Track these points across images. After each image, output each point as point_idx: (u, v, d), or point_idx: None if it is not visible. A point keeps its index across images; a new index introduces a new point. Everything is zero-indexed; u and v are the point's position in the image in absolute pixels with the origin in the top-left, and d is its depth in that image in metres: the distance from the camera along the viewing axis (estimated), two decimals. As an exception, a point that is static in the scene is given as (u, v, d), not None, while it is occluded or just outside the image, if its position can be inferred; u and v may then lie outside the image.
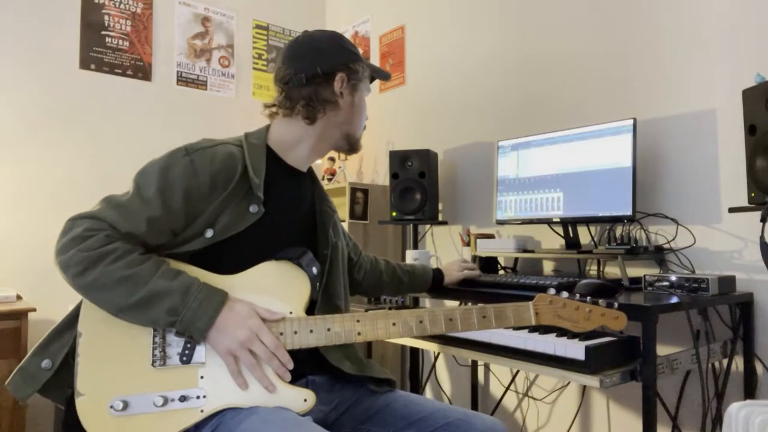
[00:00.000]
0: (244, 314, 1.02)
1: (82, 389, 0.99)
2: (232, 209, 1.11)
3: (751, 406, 1.15)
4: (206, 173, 1.09)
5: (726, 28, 1.74)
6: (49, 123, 2.59)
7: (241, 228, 1.11)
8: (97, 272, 0.99)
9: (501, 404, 2.40)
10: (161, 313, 0.99)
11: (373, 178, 3.08)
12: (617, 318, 1.12)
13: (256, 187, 1.11)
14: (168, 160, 1.09)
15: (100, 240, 1.01)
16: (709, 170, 1.76)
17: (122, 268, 1.00)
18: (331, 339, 1.04)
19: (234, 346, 1.00)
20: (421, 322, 1.08)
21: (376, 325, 1.06)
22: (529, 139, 2.08)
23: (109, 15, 2.77)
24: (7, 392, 2.04)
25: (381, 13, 3.12)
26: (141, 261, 1.02)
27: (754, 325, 1.64)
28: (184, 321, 0.99)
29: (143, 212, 1.05)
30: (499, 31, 2.46)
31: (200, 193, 1.08)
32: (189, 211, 1.08)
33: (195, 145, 1.12)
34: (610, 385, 1.33)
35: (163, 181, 1.07)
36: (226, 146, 1.14)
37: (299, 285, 1.08)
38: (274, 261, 1.09)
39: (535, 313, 1.12)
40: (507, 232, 2.35)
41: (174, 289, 1.00)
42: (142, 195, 1.06)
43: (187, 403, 0.99)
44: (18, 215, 2.48)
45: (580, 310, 1.12)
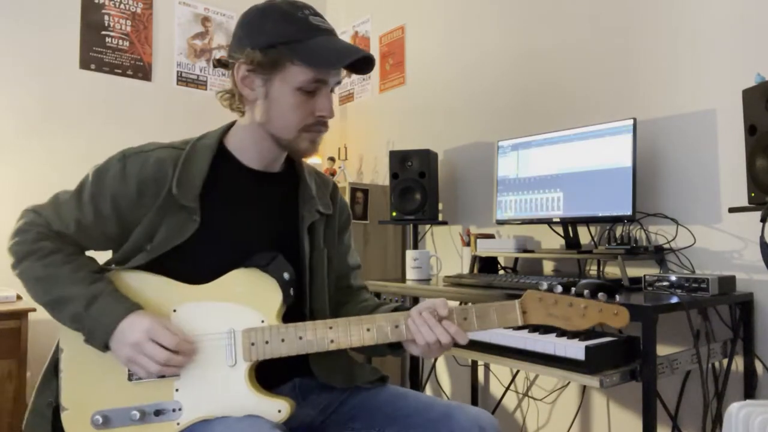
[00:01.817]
0: (139, 319, 0.97)
1: (66, 404, 1.01)
2: (169, 220, 1.05)
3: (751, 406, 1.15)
4: (134, 180, 1.05)
5: (726, 28, 1.74)
6: (49, 123, 2.59)
7: (181, 239, 1.05)
8: (23, 267, 1.03)
9: (501, 404, 2.40)
10: (66, 318, 0.99)
11: (373, 178, 3.08)
12: (617, 314, 0.98)
13: (180, 197, 1.04)
14: (105, 164, 1.08)
15: (32, 236, 1.04)
16: (709, 170, 1.76)
17: (41, 268, 1.01)
18: (304, 347, 1.00)
19: (126, 352, 0.96)
20: (396, 326, 1.01)
21: (350, 331, 1.01)
22: (529, 139, 2.08)
23: (109, 15, 2.77)
24: (7, 392, 2.05)
25: (381, 13, 3.12)
26: (62, 262, 1.02)
27: (754, 325, 1.64)
28: (86, 329, 0.98)
29: (74, 214, 1.05)
30: (499, 31, 2.46)
31: (129, 201, 1.05)
32: (120, 218, 1.06)
33: (133, 149, 1.09)
34: (610, 385, 1.33)
35: (96, 185, 1.06)
36: (164, 150, 1.08)
37: (269, 292, 1.04)
38: (243, 268, 1.05)
39: (522, 312, 1.01)
40: (507, 232, 2.35)
41: (80, 296, 0.98)
42: (80, 196, 1.07)
43: (162, 417, 0.99)
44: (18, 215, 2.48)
45: (575, 306, 0.99)
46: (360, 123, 3.22)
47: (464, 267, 2.35)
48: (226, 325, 1.02)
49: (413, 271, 2.21)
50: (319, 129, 1.08)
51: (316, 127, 1.08)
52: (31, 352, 2.15)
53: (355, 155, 3.20)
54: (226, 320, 1.02)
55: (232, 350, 1.01)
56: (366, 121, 3.18)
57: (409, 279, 2.21)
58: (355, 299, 1.26)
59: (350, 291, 1.27)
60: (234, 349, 1.01)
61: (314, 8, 1.08)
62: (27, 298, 2.28)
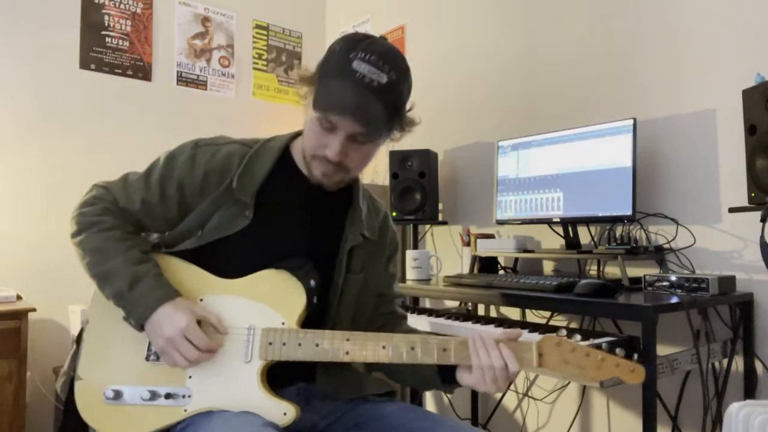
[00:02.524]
0: (177, 314, 1.00)
1: (82, 374, 1.04)
2: (223, 211, 1.09)
3: (751, 406, 1.15)
4: (201, 168, 1.10)
5: (726, 28, 1.74)
6: (49, 123, 2.59)
7: (229, 231, 1.09)
8: (83, 236, 1.07)
9: (501, 404, 2.40)
10: (110, 293, 1.03)
11: (373, 178, 3.08)
12: (633, 371, 0.96)
13: (238, 191, 1.08)
14: (177, 149, 1.13)
15: (97, 209, 1.09)
16: (709, 170, 1.76)
17: (100, 240, 1.05)
18: (319, 355, 1.01)
19: (160, 342, 1.00)
20: (412, 348, 1.01)
21: (366, 345, 1.01)
22: (529, 139, 2.08)
23: (109, 15, 2.77)
24: (7, 392, 2.05)
25: (381, 13, 3.12)
26: (118, 238, 1.06)
27: (754, 325, 1.64)
28: (126, 307, 1.02)
29: (141, 193, 1.10)
30: (499, 31, 2.46)
31: (193, 187, 1.10)
32: (182, 203, 1.10)
33: (205, 140, 1.14)
34: (610, 385, 1.33)
35: (165, 168, 1.11)
36: (234, 145, 1.13)
37: (294, 296, 1.05)
38: (273, 269, 1.07)
39: (538, 355, 0.99)
40: (507, 232, 2.35)
41: (126, 274, 1.02)
42: (149, 177, 1.11)
43: (172, 401, 1.01)
44: (18, 215, 2.48)
45: (591, 357, 0.97)
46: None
47: (464, 267, 2.35)
48: (248, 321, 1.04)
49: (413, 271, 2.21)
50: (326, 165, 1.07)
51: (324, 161, 1.06)
52: (31, 352, 2.15)
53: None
54: (248, 317, 1.04)
55: (250, 347, 1.02)
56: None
57: (409, 279, 2.21)
58: (399, 327, 1.25)
59: (394, 317, 1.27)
60: (251, 345, 1.02)
61: (379, 55, 1.01)
62: (27, 298, 2.28)
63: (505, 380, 0.98)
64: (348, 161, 1.07)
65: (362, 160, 1.11)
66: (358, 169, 1.13)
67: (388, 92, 1.03)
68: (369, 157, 1.13)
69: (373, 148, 1.11)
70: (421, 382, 1.15)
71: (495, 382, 0.98)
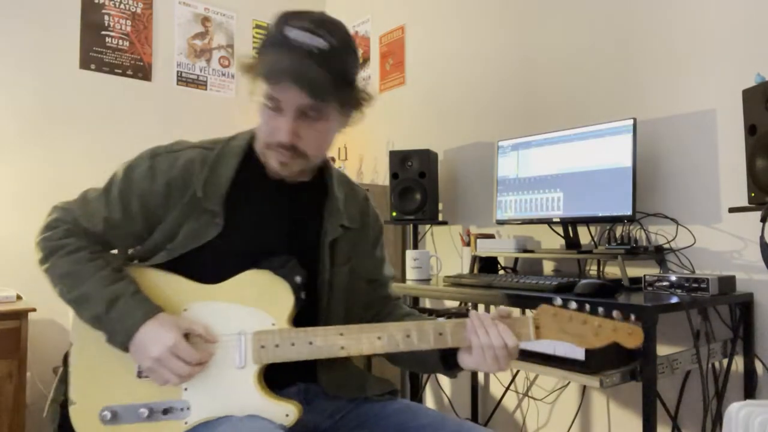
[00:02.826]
0: (162, 331, 0.96)
1: (74, 398, 1.00)
2: (193, 221, 1.04)
3: (751, 406, 1.15)
4: (163, 179, 1.05)
5: (726, 28, 1.74)
6: (49, 123, 2.59)
7: (201, 241, 1.04)
8: (50, 263, 1.02)
9: (501, 404, 2.40)
10: (87, 318, 0.99)
11: (373, 178, 3.08)
12: (631, 333, 0.95)
13: (204, 201, 1.04)
14: (135, 161, 1.08)
15: (60, 233, 1.04)
16: (709, 170, 1.76)
17: (68, 264, 1.01)
18: (313, 353, 0.99)
19: (147, 362, 0.96)
20: (408, 336, 0.99)
21: (361, 338, 0.99)
22: (529, 139, 2.08)
23: (109, 15, 2.77)
24: (7, 392, 2.05)
25: (381, 13, 3.12)
26: (87, 260, 1.02)
27: (754, 325, 1.64)
28: (107, 331, 0.98)
29: (102, 212, 1.06)
30: (500, 31, 2.46)
31: (156, 199, 1.05)
32: (147, 216, 1.06)
33: (163, 148, 1.09)
34: (610, 385, 1.33)
35: (124, 183, 1.06)
36: (193, 151, 1.08)
37: (281, 295, 1.03)
38: (256, 270, 1.04)
39: (535, 328, 0.98)
40: (507, 232, 2.35)
41: (101, 296, 0.98)
42: (108, 194, 1.07)
43: (171, 415, 0.99)
44: (18, 215, 2.48)
45: (589, 324, 0.96)
46: (360, 123, 3.22)
47: (464, 267, 2.35)
48: (237, 326, 1.01)
49: (413, 271, 2.21)
50: (281, 151, 1.02)
51: (278, 149, 1.02)
52: (31, 352, 2.15)
53: (355, 155, 3.19)
54: (236, 321, 1.01)
55: (242, 352, 1.00)
56: (366, 121, 3.17)
57: (409, 279, 2.21)
58: (397, 311, 1.23)
59: (389, 301, 1.25)
60: (244, 351, 1.00)
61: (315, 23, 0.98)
62: (27, 298, 2.28)
63: (506, 358, 0.97)
64: (303, 144, 1.02)
65: (318, 141, 1.05)
66: (316, 153, 1.06)
67: (329, 59, 0.97)
68: (325, 139, 1.07)
69: (326, 126, 1.04)
70: (424, 367, 1.13)
71: (496, 360, 0.97)
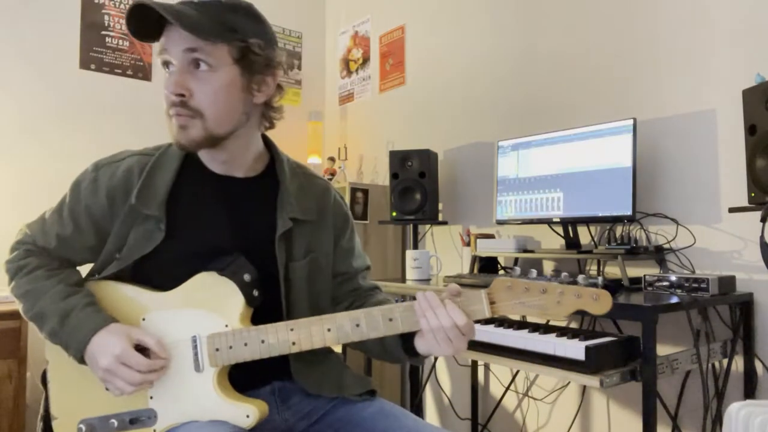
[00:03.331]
0: (111, 341, 0.96)
1: (55, 413, 1.04)
2: (137, 229, 1.04)
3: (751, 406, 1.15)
4: (104, 190, 1.05)
5: (726, 28, 1.74)
6: (49, 123, 2.59)
7: (148, 248, 1.03)
8: (14, 284, 1.06)
9: (501, 404, 2.40)
10: (46, 333, 1.01)
11: (373, 178, 3.08)
12: (598, 298, 0.86)
13: (141, 206, 1.02)
14: (80, 176, 1.09)
15: (21, 254, 1.08)
16: (709, 170, 1.76)
17: (27, 283, 1.04)
18: (267, 351, 0.98)
19: (99, 373, 0.97)
20: (357, 325, 0.97)
21: (311, 332, 0.98)
22: (529, 139, 2.08)
23: (109, 15, 2.77)
24: (7, 392, 2.05)
25: (381, 13, 3.12)
26: (43, 277, 1.04)
27: (754, 325, 1.64)
28: (62, 345, 0.99)
29: (55, 229, 1.08)
30: (499, 31, 2.46)
31: (102, 211, 1.05)
32: (97, 229, 1.07)
33: (104, 160, 1.09)
34: (610, 385, 1.33)
35: (72, 199, 1.08)
36: (133, 158, 1.08)
37: (229, 295, 1.01)
38: (203, 273, 1.03)
39: (490, 303, 0.91)
40: (507, 232, 2.35)
41: (55, 311, 0.99)
42: (60, 212, 1.09)
43: (139, 424, 1.00)
44: (18, 215, 2.47)
45: (549, 293, 0.88)
46: (360, 123, 3.22)
47: (464, 267, 2.35)
48: (192, 331, 1.00)
49: (413, 271, 2.21)
50: (175, 111, 0.99)
51: (174, 107, 0.99)
52: (31, 352, 2.15)
53: (355, 155, 3.19)
54: (191, 327, 1.01)
55: (199, 356, 1.00)
56: (366, 121, 3.18)
57: (409, 279, 2.21)
58: (368, 301, 1.19)
59: (360, 293, 1.21)
60: (200, 355, 1.00)
61: None
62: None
63: (459, 338, 0.93)
64: (195, 100, 0.98)
65: (212, 96, 0.99)
66: (213, 111, 0.99)
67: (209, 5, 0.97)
68: (220, 95, 0.99)
69: (218, 79, 0.98)
70: (392, 358, 1.11)
71: (449, 342, 0.93)
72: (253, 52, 1.01)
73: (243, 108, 1.04)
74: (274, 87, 1.07)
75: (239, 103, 1.03)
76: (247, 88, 1.03)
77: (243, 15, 1.02)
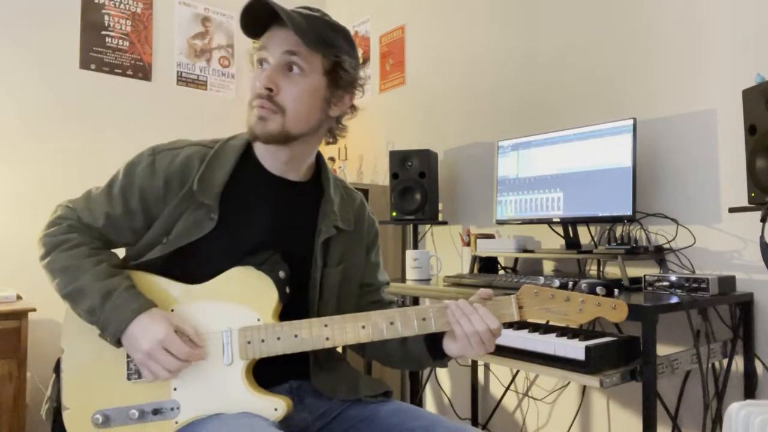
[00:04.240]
0: (154, 325, 0.97)
1: (67, 403, 1.02)
2: (188, 215, 1.06)
3: (751, 406, 1.15)
4: (162, 175, 1.07)
5: (726, 28, 1.74)
6: (49, 123, 2.59)
7: (196, 236, 1.06)
8: (51, 258, 1.04)
9: (501, 404, 2.40)
10: (82, 310, 1.01)
11: (373, 178, 3.08)
12: (615, 308, 0.95)
13: (200, 194, 1.06)
14: (136, 158, 1.10)
15: (63, 228, 1.07)
16: (709, 170, 1.76)
17: (68, 258, 1.03)
18: (300, 345, 1.00)
19: (138, 355, 0.97)
20: (392, 323, 1.00)
21: (345, 328, 1.00)
22: (529, 139, 2.08)
23: (109, 15, 2.77)
24: (7, 392, 2.05)
25: (381, 13, 3.12)
26: (85, 255, 1.04)
27: (754, 325, 1.64)
28: (101, 324, 0.99)
29: (104, 207, 1.08)
30: (499, 31, 2.46)
31: (156, 195, 1.07)
32: (147, 212, 1.08)
33: (163, 146, 1.11)
34: (610, 385, 1.33)
35: (126, 179, 1.08)
36: (192, 148, 1.11)
37: (264, 290, 1.03)
38: (239, 267, 1.05)
39: (518, 308, 0.99)
40: (507, 232, 2.35)
41: (97, 289, 0.99)
42: (110, 190, 1.09)
43: (161, 416, 1.00)
44: (18, 215, 2.48)
45: (572, 301, 0.97)
46: (360, 123, 3.21)
47: (464, 267, 2.35)
48: (223, 324, 1.02)
49: (413, 271, 2.21)
50: (259, 102, 1.05)
51: (256, 100, 1.05)
52: (31, 352, 2.15)
53: (355, 155, 3.20)
54: (223, 319, 1.02)
55: (229, 349, 1.01)
56: (366, 121, 3.18)
57: (409, 279, 2.21)
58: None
59: (381, 305, 1.25)
60: (231, 347, 1.01)
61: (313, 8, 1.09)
62: (27, 298, 2.28)
63: (491, 340, 0.99)
64: (280, 96, 1.04)
65: (297, 96, 1.05)
66: (294, 110, 1.05)
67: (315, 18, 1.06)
68: (305, 97, 1.06)
69: (307, 83, 1.06)
70: (413, 362, 1.14)
71: (481, 345, 0.99)
72: (342, 68, 1.09)
73: (319, 116, 1.11)
74: (349, 105, 1.17)
75: (317, 111, 1.10)
76: (328, 99, 1.11)
77: (341, 35, 1.11)
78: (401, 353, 1.14)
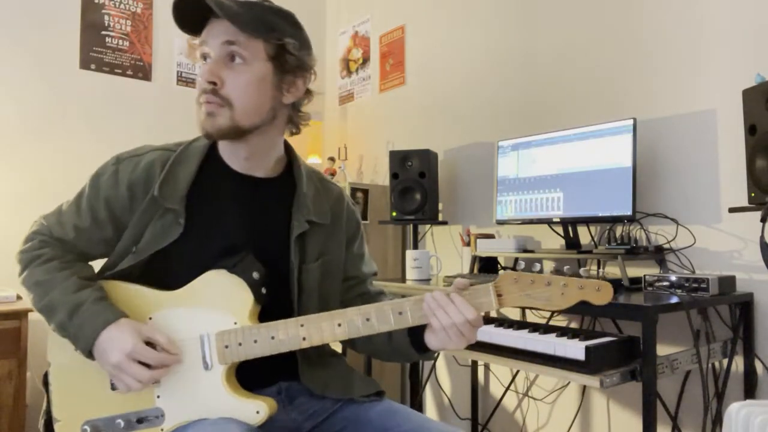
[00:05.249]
0: (121, 337, 0.95)
1: (58, 415, 1.02)
2: (155, 222, 1.04)
3: (751, 406, 1.15)
4: (126, 183, 1.06)
5: (726, 28, 1.74)
6: (49, 123, 2.59)
7: (165, 242, 1.04)
8: (26, 274, 1.05)
9: (501, 404, 2.40)
10: (55, 325, 1.00)
11: (373, 178, 3.08)
12: (600, 290, 0.89)
13: (162, 199, 1.03)
14: (101, 169, 1.10)
15: (35, 244, 1.07)
16: (709, 170, 1.76)
17: (40, 273, 1.03)
18: (277, 347, 0.98)
19: (108, 368, 0.97)
20: (368, 320, 0.97)
21: (321, 327, 0.98)
22: (529, 139, 2.08)
23: (109, 15, 2.77)
24: (7, 392, 2.05)
25: (381, 13, 3.12)
26: (57, 269, 1.03)
27: (754, 325, 1.64)
28: (71, 338, 0.98)
29: (73, 220, 1.07)
30: (499, 31, 2.46)
31: (122, 204, 1.06)
32: (115, 222, 1.07)
33: (126, 153, 1.10)
34: (610, 385, 1.33)
35: (92, 190, 1.08)
36: (155, 153, 1.09)
37: (239, 293, 1.02)
38: (213, 270, 1.03)
39: (497, 296, 0.93)
40: (507, 232, 2.35)
41: (65, 303, 0.98)
42: (79, 202, 1.09)
43: (147, 423, 0.99)
44: (18, 215, 2.47)
45: (554, 285, 0.91)
46: (360, 123, 3.22)
47: (464, 267, 2.35)
48: (200, 329, 1.01)
49: (413, 271, 2.21)
50: (205, 98, 1.01)
51: (203, 95, 1.02)
52: (31, 352, 2.15)
53: (355, 155, 3.20)
54: (200, 325, 1.01)
55: (208, 354, 1.00)
56: (366, 121, 3.18)
57: (409, 279, 2.21)
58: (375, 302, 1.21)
59: (368, 297, 1.23)
60: (209, 352, 1.00)
61: None
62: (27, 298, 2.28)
63: (471, 331, 0.95)
64: (226, 89, 1.01)
65: (243, 88, 1.01)
66: (242, 102, 1.02)
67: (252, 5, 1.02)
68: (251, 88, 1.02)
69: (251, 73, 1.02)
70: (402, 356, 1.12)
71: (461, 336, 0.95)
72: (287, 51, 1.04)
73: (271, 105, 1.06)
74: (303, 90, 1.10)
75: (268, 99, 1.05)
76: (278, 86, 1.06)
77: (283, 18, 1.07)
78: (389, 348, 1.12)
